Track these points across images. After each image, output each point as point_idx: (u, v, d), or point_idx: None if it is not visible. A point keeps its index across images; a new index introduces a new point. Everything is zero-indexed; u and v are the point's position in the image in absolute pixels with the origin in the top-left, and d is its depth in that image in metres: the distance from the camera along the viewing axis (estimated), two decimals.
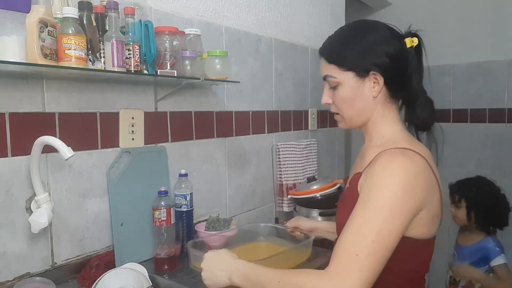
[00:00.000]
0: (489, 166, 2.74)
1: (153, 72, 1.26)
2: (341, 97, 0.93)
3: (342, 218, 0.86)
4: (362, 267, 0.73)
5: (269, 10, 1.94)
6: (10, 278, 1.07)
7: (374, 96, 0.92)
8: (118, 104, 1.30)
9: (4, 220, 1.05)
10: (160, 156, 1.44)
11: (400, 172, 0.79)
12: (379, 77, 0.90)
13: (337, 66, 0.92)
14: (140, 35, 1.19)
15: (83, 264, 1.20)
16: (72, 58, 0.99)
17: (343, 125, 0.99)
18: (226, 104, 1.72)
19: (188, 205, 1.40)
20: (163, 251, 1.26)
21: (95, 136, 1.24)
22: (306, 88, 2.25)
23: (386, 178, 0.80)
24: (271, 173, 2.01)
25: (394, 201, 0.77)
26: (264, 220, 1.92)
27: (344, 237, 0.78)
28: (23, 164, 1.08)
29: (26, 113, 1.08)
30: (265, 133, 1.95)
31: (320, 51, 0.97)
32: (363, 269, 0.73)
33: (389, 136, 0.93)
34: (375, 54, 0.89)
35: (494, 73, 2.77)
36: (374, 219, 0.77)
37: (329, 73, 0.93)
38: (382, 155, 0.84)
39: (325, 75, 0.94)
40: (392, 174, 0.79)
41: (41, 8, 0.94)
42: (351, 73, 0.91)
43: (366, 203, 0.79)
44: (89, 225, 1.24)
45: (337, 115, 0.98)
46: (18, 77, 1.06)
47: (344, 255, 0.76)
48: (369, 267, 0.74)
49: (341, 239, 0.79)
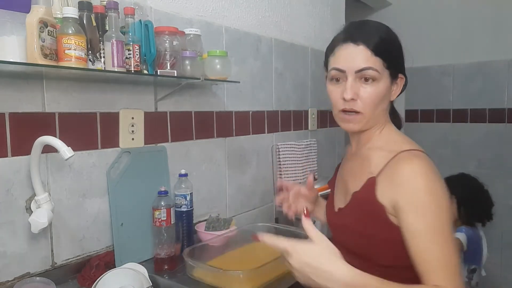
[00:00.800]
0: (489, 166, 2.74)
1: (153, 72, 1.26)
2: (374, 94, 0.85)
3: (352, 222, 0.88)
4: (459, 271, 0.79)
5: (269, 10, 1.94)
6: (10, 278, 1.07)
7: (392, 99, 0.92)
8: (118, 104, 1.30)
9: (4, 220, 1.05)
10: (160, 156, 1.44)
11: (432, 175, 0.80)
12: (402, 81, 0.91)
13: (382, 61, 0.85)
14: (140, 35, 1.19)
15: (83, 264, 1.20)
16: (72, 58, 0.99)
17: (357, 126, 0.89)
18: (226, 104, 1.72)
19: (188, 205, 1.40)
20: (163, 251, 1.26)
21: (95, 136, 1.24)
22: (306, 88, 2.25)
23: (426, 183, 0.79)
24: (271, 173, 2.01)
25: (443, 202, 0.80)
26: (264, 220, 1.92)
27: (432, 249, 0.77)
28: (23, 164, 1.08)
29: (26, 113, 1.08)
30: (265, 133, 1.95)
31: (363, 39, 0.85)
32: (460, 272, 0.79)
33: (389, 136, 0.92)
34: (404, 58, 0.91)
35: (494, 73, 2.77)
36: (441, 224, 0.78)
37: (374, 65, 0.84)
38: (403, 160, 0.82)
39: (367, 67, 0.84)
40: (428, 178, 0.80)
41: (41, 8, 0.94)
42: (388, 71, 0.87)
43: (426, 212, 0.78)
44: (89, 225, 1.24)
45: (356, 114, 0.87)
46: (18, 77, 1.06)
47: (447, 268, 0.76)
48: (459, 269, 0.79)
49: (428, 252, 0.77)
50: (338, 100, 0.88)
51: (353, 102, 0.86)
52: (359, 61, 0.85)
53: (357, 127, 0.89)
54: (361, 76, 0.85)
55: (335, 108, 0.91)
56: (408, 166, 0.81)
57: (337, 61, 0.88)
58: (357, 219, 0.87)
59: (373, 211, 0.84)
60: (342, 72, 0.86)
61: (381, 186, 0.84)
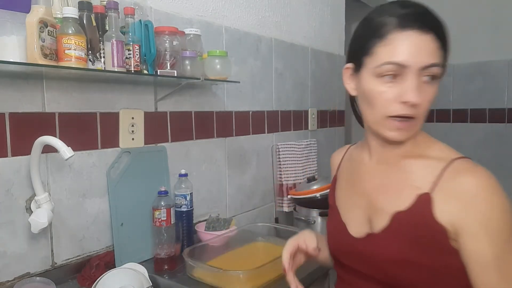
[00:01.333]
0: (489, 166, 2.73)
1: (153, 72, 1.26)
2: (432, 96, 0.72)
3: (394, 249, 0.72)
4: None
5: (269, 10, 1.94)
6: (10, 278, 1.07)
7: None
8: (118, 104, 1.30)
9: (4, 220, 1.05)
10: (160, 156, 1.44)
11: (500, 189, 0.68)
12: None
13: (444, 56, 0.72)
14: (140, 35, 1.19)
15: (83, 264, 1.20)
16: (72, 58, 0.99)
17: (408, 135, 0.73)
18: (226, 104, 1.72)
19: (188, 205, 1.40)
20: (163, 251, 1.26)
21: (95, 136, 1.24)
22: (306, 88, 2.25)
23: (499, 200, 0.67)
24: (271, 173, 2.01)
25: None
26: (264, 220, 1.92)
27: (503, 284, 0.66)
28: (23, 164, 1.08)
29: (26, 113, 1.08)
30: (265, 133, 1.95)
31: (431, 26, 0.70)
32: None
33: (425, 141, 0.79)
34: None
35: (494, 73, 2.77)
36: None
37: (440, 61, 0.70)
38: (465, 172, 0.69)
39: (435, 63, 0.69)
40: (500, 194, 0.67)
41: (41, 8, 0.94)
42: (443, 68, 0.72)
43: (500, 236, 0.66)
44: (89, 225, 1.24)
45: (410, 121, 0.71)
46: (18, 77, 1.06)
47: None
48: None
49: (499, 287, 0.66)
50: (391, 103, 0.70)
51: (414, 107, 0.69)
52: (427, 55, 0.68)
53: (408, 135, 0.73)
54: (423, 74, 0.69)
55: (381, 113, 0.72)
56: (474, 179, 0.67)
57: (396, 53, 0.68)
58: (403, 245, 0.71)
59: (429, 234, 0.69)
60: (402, 67, 0.68)
61: (440, 204, 0.69)
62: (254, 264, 1.15)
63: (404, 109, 0.69)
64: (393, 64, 0.68)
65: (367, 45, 0.72)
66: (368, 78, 0.73)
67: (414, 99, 0.68)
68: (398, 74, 0.69)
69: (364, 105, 0.77)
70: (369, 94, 0.73)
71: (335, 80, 2.48)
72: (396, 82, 0.70)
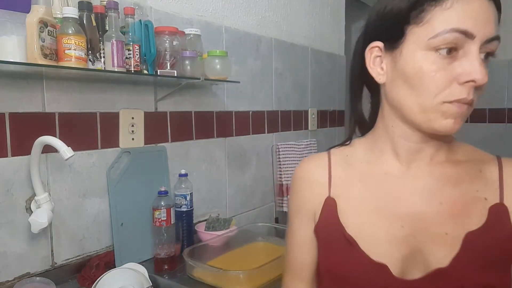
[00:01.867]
0: None
1: (153, 72, 1.26)
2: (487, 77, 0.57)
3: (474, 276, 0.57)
4: None
5: (269, 10, 1.94)
6: (10, 278, 1.07)
7: None
8: (118, 104, 1.30)
9: (4, 220, 1.05)
10: (160, 156, 1.44)
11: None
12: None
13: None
14: (140, 35, 1.19)
15: (83, 264, 1.20)
16: (72, 58, 0.99)
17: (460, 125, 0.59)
18: (226, 104, 1.72)
19: (188, 205, 1.40)
20: (163, 251, 1.26)
21: (95, 136, 1.24)
22: (306, 88, 2.25)
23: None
24: (271, 173, 2.00)
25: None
26: (264, 220, 1.92)
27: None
28: (23, 164, 1.08)
29: (26, 113, 1.08)
30: (265, 133, 1.95)
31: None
32: None
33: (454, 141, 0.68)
34: None
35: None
36: None
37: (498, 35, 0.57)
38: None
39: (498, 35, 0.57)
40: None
41: (41, 8, 0.94)
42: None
43: None
44: (89, 225, 1.24)
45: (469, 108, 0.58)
46: (18, 77, 1.06)
47: None
48: None
49: None
50: (450, 84, 0.55)
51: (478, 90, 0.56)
52: (492, 25, 0.55)
53: (459, 125, 0.58)
54: (483, 49, 0.55)
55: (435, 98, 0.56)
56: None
57: (460, 19, 0.53)
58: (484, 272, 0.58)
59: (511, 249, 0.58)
60: (467, 38, 0.54)
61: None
62: (254, 264, 1.15)
63: (467, 91, 0.55)
64: (458, 32, 0.53)
65: (412, 10, 0.56)
66: (415, 54, 0.57)
67: (483, 78, 0.53)
68: (456, 48, 0.54)
69: (403, 91, 0.59)
70: (416, 74, 0.56)
71: (335, 80, 2.48)
72: (452, 58, 0.55)
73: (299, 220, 0.72)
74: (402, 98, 0.59)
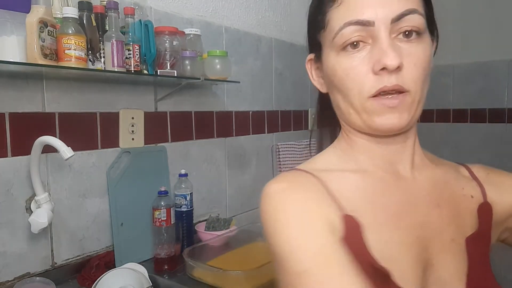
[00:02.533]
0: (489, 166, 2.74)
1: (153, 72, 1.26)
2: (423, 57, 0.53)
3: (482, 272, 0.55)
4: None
5: (269, 10, 1.94)
6: (10, 278, 1.07)
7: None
8: (118, 104, 1.30)
9: (4, 220, 1.05)
10: (160, 156, 1.44)
11: None
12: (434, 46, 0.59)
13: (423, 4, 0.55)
14: (140, 35, 1.19)
15: (83, 264, 1.20)
16: (72, 58, 0.99)
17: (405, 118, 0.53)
18: (226, 104, 1.72)
19: (188, 205, 1.40)
20: (163, 251, 1.26)
21: (95, 136, 1.24)
22: (306, 88, 2.25)
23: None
24: (271, 173, 2.00)
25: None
26: None
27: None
28: (23, 164, 1.08)
29: (26, 113, 1.08)
30: (265, 133, 1.95)
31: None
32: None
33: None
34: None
35: (494, 73, 2.77)
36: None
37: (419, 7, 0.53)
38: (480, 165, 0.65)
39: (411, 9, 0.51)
40: None
41: (41, 8, 0.94)
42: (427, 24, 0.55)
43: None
44: (89, 225, 1.24)
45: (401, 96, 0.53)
46: (18, 77, 1.06)
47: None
48: None
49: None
50: (365, 77, 0.51)
51: (396, 73, 0.50)
52: (395, 2, 0.51)
53: (405, 118, 0.52)
54: (398, 30, 0.51)
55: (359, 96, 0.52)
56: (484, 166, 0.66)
57: (353, 10, 0.52)
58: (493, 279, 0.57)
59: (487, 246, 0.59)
60: (367, 26, 0.51)
61: (498, 207, 0.60)
62: (254, 264, 1.15)
63: (386, 79, 0.50)
64: (352, 25, 0.51)
65: (318, 17, 0.57)
66: (329, 58, 0.56)
67: (392, 60, 0.49)
68: (363, 41, 0.52)
69: (336, 97, 0.57)
70: (335, 76, 0.54)
71: None
72: (361, 50, 0.52)
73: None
74: (338, 103, 0.57)
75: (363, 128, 0.55)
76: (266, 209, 0.52)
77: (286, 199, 0.52)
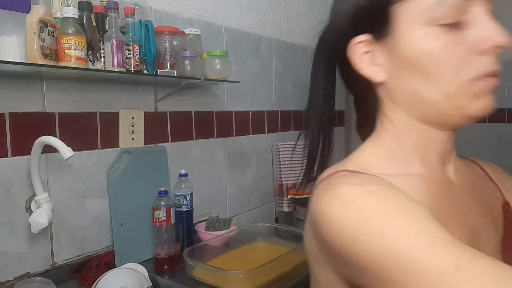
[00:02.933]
0: None
1: (153, 72, 1.26)
2: None
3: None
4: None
5: (269, 10, 1.94)
6: (10, 278, 1.07)
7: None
8: (118, 104, 1.30)
9: (4, 220, 1.05)
10: (160, 156, 1.44)
11: None
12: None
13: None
14: (140, 35, 1.19)
15: (83, 264, 1.20)
16: (72, 58, 0.99)
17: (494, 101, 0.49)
18: (226, 104, 1.72)
19: (188, 205, 1.40)
20: (163, 251, 1.26)
21: (95, 136, 1.24)
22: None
23: None
24: (271, 173, 2.00)
25: None
26: (264, 220, 1.92)
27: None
28: (23, 164, 1.08)
29: (26, 113, 1.08)
30: (265, 133, 1.95)
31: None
32: None
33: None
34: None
35: None
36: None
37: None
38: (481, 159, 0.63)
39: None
40: None
41: (41, 8, 0.94)
42: None
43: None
44: (89, 225, 1.24)
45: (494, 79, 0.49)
46: (18, 77, 1.06)
47: None
48: None
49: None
50: (464, 58, 0.45)
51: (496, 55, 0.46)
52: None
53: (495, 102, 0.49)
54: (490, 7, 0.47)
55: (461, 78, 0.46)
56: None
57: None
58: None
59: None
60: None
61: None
62: (254, 264, 1.15)
63: (494, 61, 0.46)
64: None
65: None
66: (412, 35, 0.46)
67: (505, 38, 0.44)
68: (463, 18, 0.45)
69: (416, 82, 0.47)
70: (423, 57, 0.45)
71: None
72: (458, 28, 0.45)
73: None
74: (417, 91, 0.47)
75: (450, 117, 0.48)
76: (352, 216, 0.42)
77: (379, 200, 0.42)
